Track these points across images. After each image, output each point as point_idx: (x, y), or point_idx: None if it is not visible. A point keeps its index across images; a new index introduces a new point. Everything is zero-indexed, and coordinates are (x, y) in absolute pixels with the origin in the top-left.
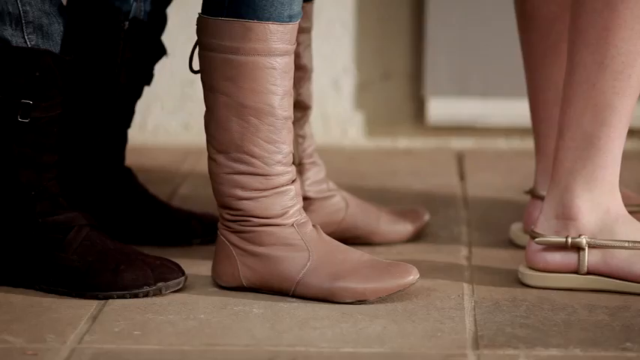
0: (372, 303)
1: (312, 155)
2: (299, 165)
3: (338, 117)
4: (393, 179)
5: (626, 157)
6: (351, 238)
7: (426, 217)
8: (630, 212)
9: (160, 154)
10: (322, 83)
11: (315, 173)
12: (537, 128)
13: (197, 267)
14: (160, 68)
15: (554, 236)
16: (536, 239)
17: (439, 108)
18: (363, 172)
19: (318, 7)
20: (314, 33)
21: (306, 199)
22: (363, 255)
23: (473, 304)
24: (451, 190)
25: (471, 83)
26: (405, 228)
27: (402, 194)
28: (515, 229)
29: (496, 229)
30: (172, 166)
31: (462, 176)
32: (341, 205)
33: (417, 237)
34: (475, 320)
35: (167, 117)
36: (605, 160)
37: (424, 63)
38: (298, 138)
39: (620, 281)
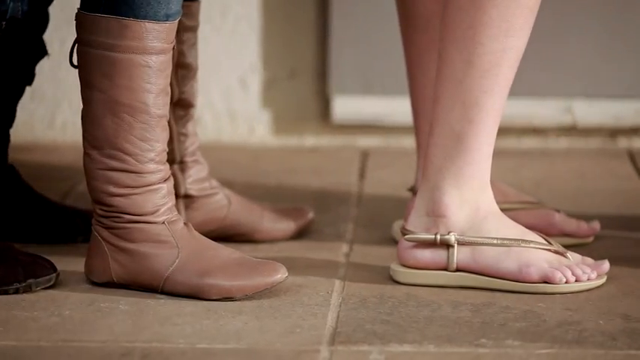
0: (239, 300)
1: (194, 153)
2: (181, 163)
3: (245, 115)
4: (294, 177)
5: (528, 155)
6: (234, 235)
7: (310, 215)
8: (508, 209)
9: (67, 151)
10: (229, 81)
11: (197, 171)
12: (417, 124)
13: (76, 264)
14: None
15: (425, 233)
16: (406, 236)
17: (345, 106)
18: (265, 169)
19: (224, 5)
20: (220, 31)
21: (188, 196)
22: (233, 252)
23: (340, 300)
24: (348, 188)
25: (376, 81)
26: (288, 226)
27: (298, 192)
28: (397, 227)
29: (383, 226)
30: (78, 163)
31: (361, 174)
32: (223, 203)
33: (300, 234)
34: (338, 317)
35: (75, 114)
36: (473, 158)
37: (329, 61)
38: (180, 136)
39: (489, 278)
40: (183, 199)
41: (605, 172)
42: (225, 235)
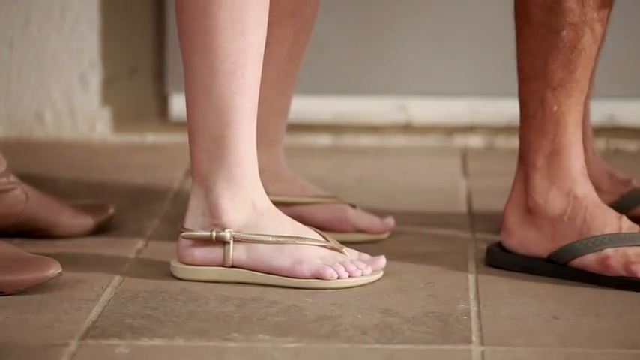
0: (11, 294)
1: None
2: None
3: (85, 112)
4: (124, 174)
5: (365, 153)
6: (32, 230)
7: (111, 211)
8: (304, 204)
9: None
10: (69, 79)
11: None
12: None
13: None
14: None
15: (201, 231)
16: (183, 234)
17: (182, 104)
18: (100, 166)
19: (63, 3)
20: (60, 29)
21: None
22: (10, 248)
23: (112, 295)
24: (170, 185)
25: None
26: (87, 221)
27: (121, 188)
28: None
29: None
30: None
31: (188, 171)
32: (21, 198)
33: (102, 230)
34: (102, 311)
35: None
36: (239, 158)
37: (167, 60)
38: None
39: (262, 274)
40: None
41: (432, 170)
42: (23, 230)
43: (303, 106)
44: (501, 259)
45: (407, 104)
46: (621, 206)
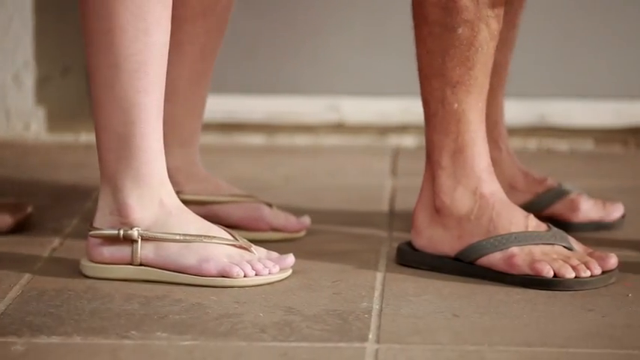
0: None
1: None
2: None
3: (19, 112)
4: (53, 173)
5: (298, 152)
6: None
7: (29, 209)
8: (220, 202)
9: None
10: (3, 78)
11: None
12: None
13: None
14: None
15: (109, 229)
16: (91, 232)
17: None
18: (31, 165)
19: None
20: None
21: None
22: None
23: (19, 293)
24: (96, 184)
25: None
26: (4, 219)
27: (47, 187)
28: None
29: None
30: None
31: None
32: None
33: (21, 229)
34: (6, 309)
35: None
36: (146, 157)
37: None
38: None
39: (170, 272)
40: None
41: (362, 170)
42: None
43: (236, 106)
44: (411, 258)
45: (339, 104)
46: (537, 205)
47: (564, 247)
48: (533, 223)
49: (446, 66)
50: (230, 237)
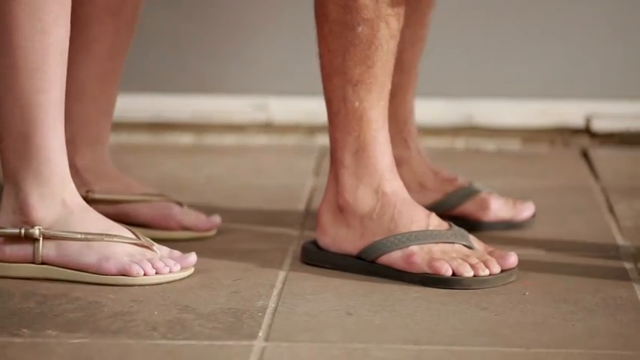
0: None
1: None
2: None
3: None
4: None
5: (227, 151)
6: None
7: None
8: (131, 201)
9: None
10: None
11: None
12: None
13: None
14: None
15: (11, 228)
16: None
17: None
18: None
19: None
20: None
21: None
22: None
23: None
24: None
25: None
26: None
27: None
28: None
29: None
30: None
31: None
32: None
33: None
34: None
35: None
36: (47, 156)
37: None
38: None
39: (70, 271)
40: None
41: (286, 169)
42: None
43: (165, 105)
44: (315, 257)
45: (267, 103)
46: (447, 204)
47: (465, 245)
48: (435, 222)
49: (346, 64)
50: (132, 236)
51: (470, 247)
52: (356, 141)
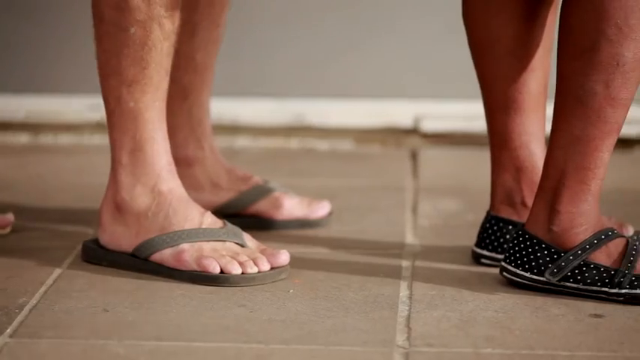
0: None
1: None
2: None
3: None
4: None
5: (60, 151)
6: None
7: None
8: None
9: None
10: None
11: None
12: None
13: None
14: None
15: None
16: None
17: None
18: None
19: None
20: None
21: None
22: None
23: None
24: None
25: None
26: None
27: None
28: None
29: None
30: None
31: None
32: None
33: None
34: None
35: None
36: None
37: None
38: None
39: None
40: None
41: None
42: None
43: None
44: (93, 255)
45: (101, 103)
46: (240, 203)
47: (237, 243)
48: (209, 220)
49: (121, 65)
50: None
51: (242, 245)
52: (132, 140)
